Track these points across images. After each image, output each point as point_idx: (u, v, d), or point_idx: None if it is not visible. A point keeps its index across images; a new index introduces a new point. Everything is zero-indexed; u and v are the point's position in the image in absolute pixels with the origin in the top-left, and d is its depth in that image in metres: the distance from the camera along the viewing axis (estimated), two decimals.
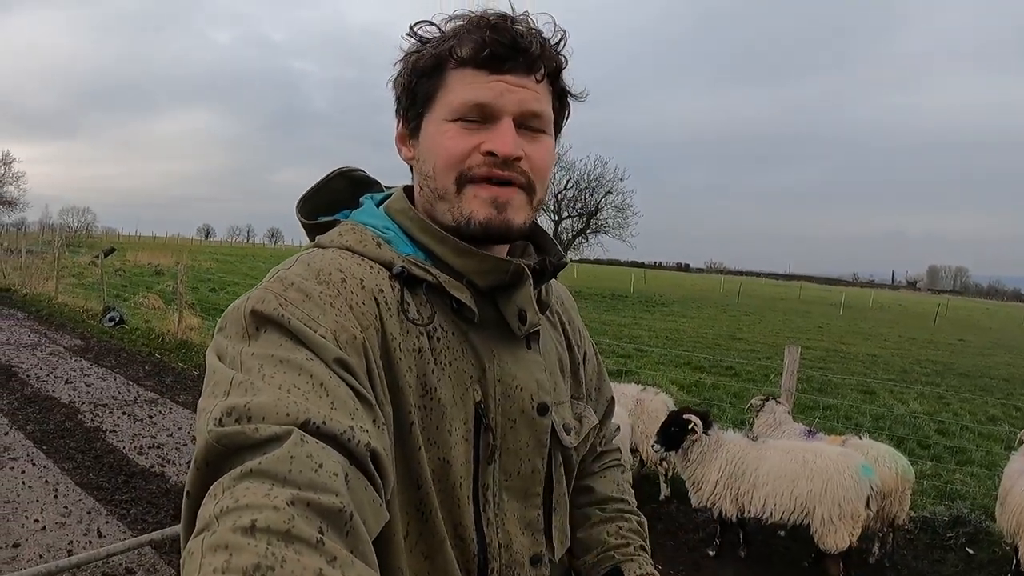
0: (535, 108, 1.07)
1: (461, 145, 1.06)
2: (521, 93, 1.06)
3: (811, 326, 29.52)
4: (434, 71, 1.07)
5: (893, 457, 5.21)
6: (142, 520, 5.22)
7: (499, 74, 1.05)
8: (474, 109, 1.05)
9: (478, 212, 1.06)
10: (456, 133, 1.06)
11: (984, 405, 12.38)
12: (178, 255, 33.81)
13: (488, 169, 1.05)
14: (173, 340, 12.43)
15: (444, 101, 1.07)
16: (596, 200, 40.25)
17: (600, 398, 1.44)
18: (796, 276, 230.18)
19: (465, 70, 1.05)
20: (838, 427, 8.88)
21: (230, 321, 0.94)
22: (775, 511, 4.86)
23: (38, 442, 6.78)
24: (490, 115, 1.06)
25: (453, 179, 1.06)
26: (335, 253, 1.06)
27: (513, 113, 1.06)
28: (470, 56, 1.04)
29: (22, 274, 21.25)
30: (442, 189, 1.08)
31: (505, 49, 1.04)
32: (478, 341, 1.10)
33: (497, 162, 1.05)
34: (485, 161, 1.05)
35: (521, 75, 1.06)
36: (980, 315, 59.89)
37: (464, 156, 1.06)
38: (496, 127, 1.05)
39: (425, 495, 1.00)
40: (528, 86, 1.07)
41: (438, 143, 1.07)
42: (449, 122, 1.06)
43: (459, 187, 1.06)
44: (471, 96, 1.05)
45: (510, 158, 1.05)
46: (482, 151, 1.05)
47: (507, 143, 1.04)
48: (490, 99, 1.05)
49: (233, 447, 0.75)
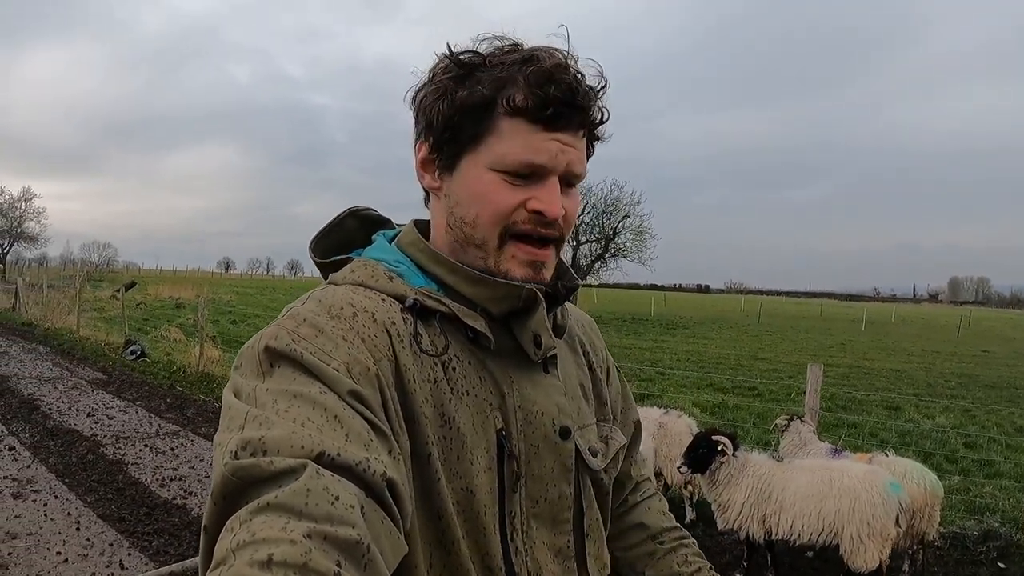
0: (579, 170, 1.07)
1: (509, 200, 1.04)
2: (571, 154, 1.05)
3: (833, 343, 29.37)
4: (483, 112, 1.04)
5: (921, 473, 5.14)
6: (164, 552, 5.22)
7: (554, 132, 1.03)
8: (526, 168, 1.03)
9: (516, 271, 1.06)
10: (503, 187, 1.04)
11: (1011, 416, 12.23)
12: (198, 288, 34.14)
13: (534, 228, 1.05)
14: (194, 372, 12.48)
15: (494, 149, 1.04)
16: (614, 224, 40.35)
17: (627, 421, 1.43)
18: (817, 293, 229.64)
19: (519, 121, 1.02)
20: (864, 444, 8.77)
21: (245, 359, 0.95)
22: (803, 532, 4.80)
23: (60, 475, 6.81)
24: (537, 175, 1.04)
25: (497, 233, 1.05)
26: (347, 289, 1.06)
27: (561, 173, 1.05)
28: (529, 109, 1.02)
29: (44, 308, 21.52)
30: (481, 239, 1.06)
31: (565, 107, 1.02)
32: (496, 368, 1.08)
33: (543, 221, 1.05)
34: (531, 219, 1.04)
35: (572, 133, 1.05)
36: (1003, 325, 59.39)
37: (510, 211, 1.04)
38: (543, 186, 1.04)
39: (447, 527, 0.98)
40: (576, 145, 1.06)
41: (483, 194, 1.05)
42: (495, 172, 1.04)
43: (501, 242, 1.06)
44: (527, 156, 1.02)
45: (556, 219, 1.05)
46: (529, 208, 1.04)
47: (555, 206, 1.04)
48: (545, 161, 1.03)
49: (249, 480, 0.75)
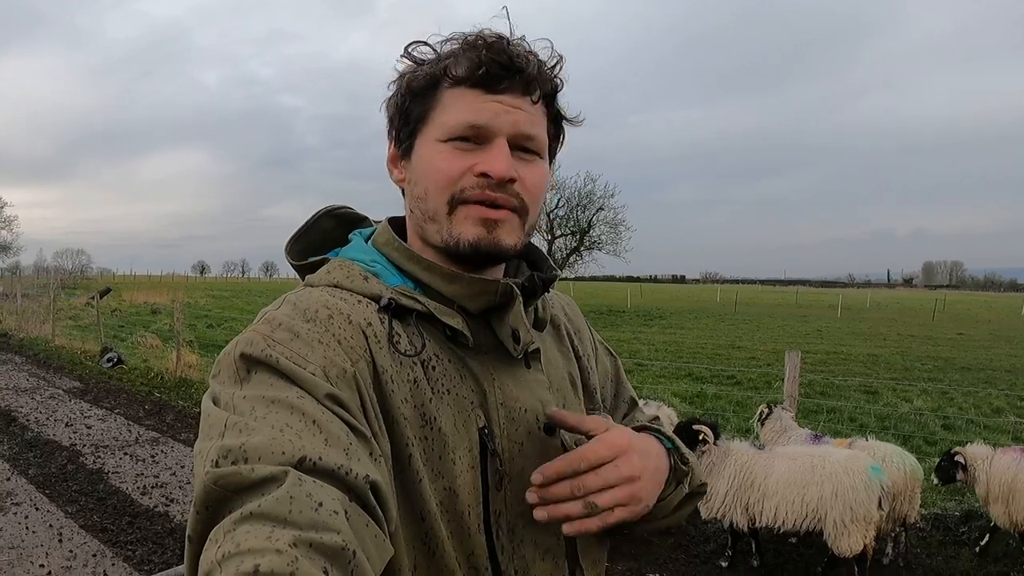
0: (529, 131, 1.05)
1: (455, 166, 1.03)
2: (516, 115, 1.04)
3: (810, 330, 29.55)
4: (428, 90, 1.06)
5: (901, 456, 5.20)
6: (148, 560, 5.18)
7: (494, 94, 1.03)
8: (468, 130, 1.03)
9: (467, 232, 1.04)
10: (449, 154, 1.04)
11: (988, 397, 12.36)
12: (174, 293, 33.87)
13: (482, 191, 1.03)
14: (172, 378, 12.39)
15: (438, 121, 1.05)
16: (588, 217, 40.51)
17: (619, 402, 1.43)
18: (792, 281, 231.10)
19: (460, 89, 1.04)
20: (843, 429, 8.86)
21: (222, 367, 0.94)
22: (787, 519, 4.83)
23: (40, 486, 6.74)
24: (484, 136, 1.03)
25: (446, 201, 1.04)
26: (322, 291, 1.05)
27: (508, 134, 1.04)
28: (465, 75, 1.02)
29: (18, 318, 21.28)
30: (433, 211, 1.06)
31: (501, 69, 1.02)
32: (476, 366, 1.08)
33: (491, 184, 1.03)
34: (479, 183, 1.03)
35: (516, 96, 1.04)
36: (978, 308, 59.92)
37: (457, 177, 1.03)
38: (490, 148, 1.03)
39: (430, 528, 0.97)
40: (523, 108, 1.05)
41: (431, 164, 1.05)
42: (442, 142, 1.04)
43: (451, 209, 1.04)
44: (466, 117, 1.03)
45: (504, 180, 1.03)
46: (475, 172, 1.03)
47: (501, 165, 1.02)
48: (485, 120, 1.03)
49: (231, 488, 0.74)
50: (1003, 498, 5.14)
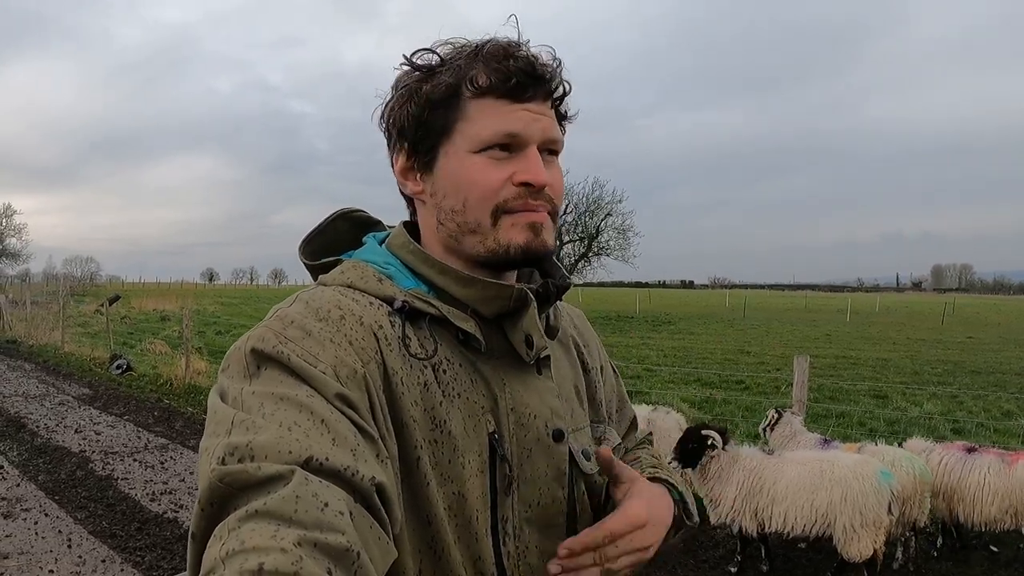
0: (555, 135, 1.08)
1: (494, 177, 1.04)
2: (543, 121, 1.06)
3: (819, 334, 29.45)
4: (450, 101, 1.05)
5: (910, 461, 5.17)
6: (157, 567, 5.19)
7: (523, 103, 1.04)
8: (505, 138, 1.04)
9: (517, 238, 1.05)
10: (486, 165, 1.04)
11: (998, 401, 12.28)
12: (183, 300, 33.98)
13: (524, 201, 1.05)
14: (181, 385, 12.40)
15: (467, 133, 1.05)
16: (596, 223, 40.41)
17: (622, 419, 1.42)
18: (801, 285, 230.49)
19: (487, 100, 1.04)
20: (852, 434, 8.81)
21: (232, 361, 0.94)
22: (796, 524, 4.81)
23: (50, 492, 6.76)
24: (518, 145, 1.05)
25: (489, 212, 1.05)
26: (335, 291, 1.05)
27: (538, 142, 1.06)
28: (493, 85, 1.03)
29: (28, 325, 21.36)
30: (475, 223, 1.06)
31: (527, 77, 1.04)
32: (488, 371, 1.08)
33: (532, 192, 1.05)
34: (520, 192, 1.04)
35: (540, 102, 1.06)
36: (987, 311, 59.69)
37: (498, 188, 1.04)
38: (525, 157, 1.05)
39: (436, 532, 0.97)
40: (546, 114, 1.07)
41: (467, 177, 1.05)
42: (475, 154, 1.04)
43: (495, 220, 1.05)
44: (501, 127, 1.03)
45: (543, 186, 1.05)
46: (515, 182, 1.04)
47: (541, 172, 1.04)
48: (519, 129, 1.04)
49: (237, 486, 0.74)
50: (945, 496, 5.25)
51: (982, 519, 5.10)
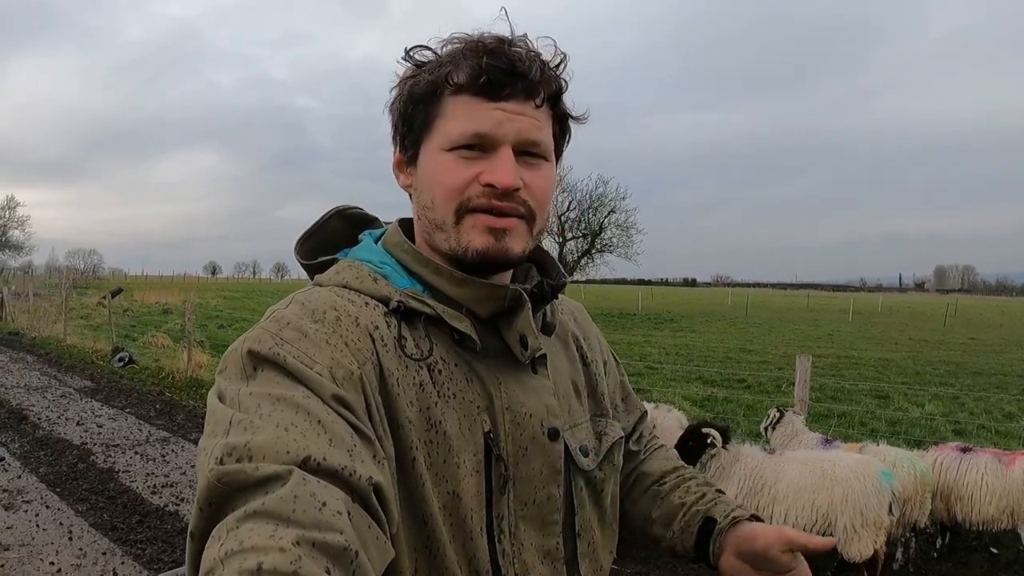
0: (534, 137, 1.05)
1: (459, 176, 1.03)
2: (520, 121, 1.03)
3: (821, 334, 29.45)
4: (430, 97, 1.05)
5: (911, 461, 5.17)
6: (158, 560, 5.20)
7: (497, 101, 1.02)
8: (472, 139, 1.02)
9: (476, 241, 1.04)
10: (453, 164, 1.04)
11: (1000, 403, 12.28)
12: (185, 293, 33.97)
13: (488, 200, 1.03)
14: (183, 378, 12.44)
15: (442, 130, 1.05)
16: (599, 220, 40.46)
17: (630, 411, 1.43)
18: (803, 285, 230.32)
19: (462, 97, 1.03)
20: (854, 434, 8.81)
21: (229, 363, 0.94)
22: (796, 524, 4.80)
23: (51, 485, 6.77)
24: (489, 145, 1.03)
25: (452, 210, 1.05)
26: (330, 291, 1.05)
27: (512, 142, 1.03)
28: (467, 83, 1.02)
29: (30, 317, 21.39)
30: (440, 220, 1.06)
31: (503, 75, 1.01)
32: (483, 370, 1.08)
33: (497, 193, 1.03)
34: (484, 192, 1.03)
35: (520, 102, 1.03)
36: (990, 312, 59.69)
37: (463, 187, 1.03)
38: (495, 157, 1.03)
39: (432, 532, 0.98)
40: (527, 113, 1.04)
41: (436, 174, 1.05)
42: (446, 152, 1.04)
43: (458, 218, 1.05)
44: (469, 126, 1.02)
45: (509, 189, 1.03)
46: (481, 182, 1.03)
47: (506, 174, 1.02)
48: (488, 129, 1.02)
49: (235, 486, 0.74)
50: (944, 496, 5.26)
51: (980, 518, 5.11)
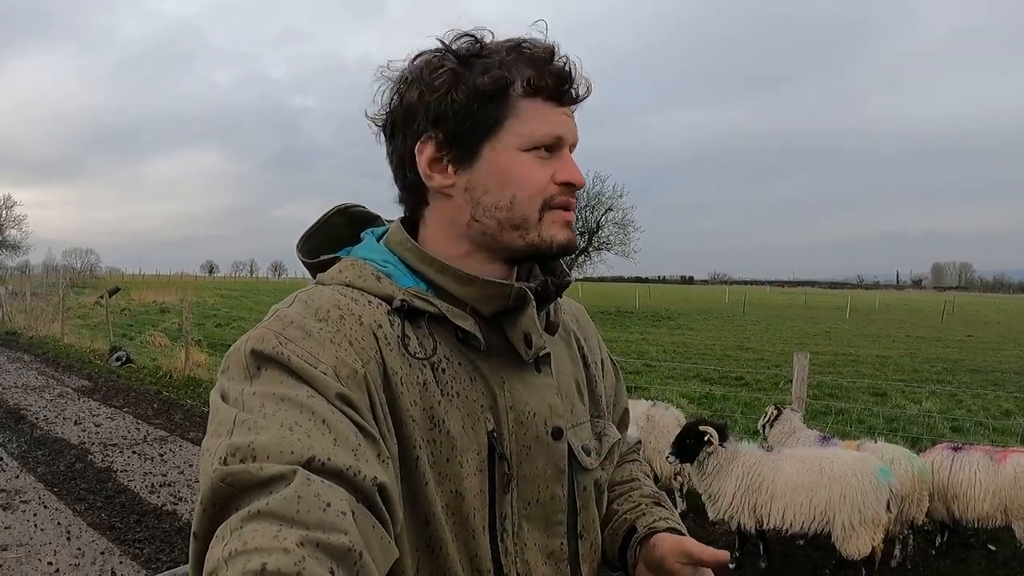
0: (578, 139, 1.13)
1: (543, 175, 1.07)
2: (573, 125, 1.11)
3: (818, 331, 29.48)
4: (500, 96, 1.04)
5: (908, 459, 5.18)
6: (156, 559, 5.20)
7: (564, 106, 1.09)
8: (552, 140, 1.07)
9: (559, 235, 1.10)
10: (535, 163, 1.07)
11: (997, 400, 12.27)
12: (183, 292, 33.91)
13: (566, 199, 1.10)
14: (181, 377, 12.41)
15: (517, 130, 1.06)
16: (597, 218, 40.43)
17: (617, 411, 1.42)
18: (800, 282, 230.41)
19: (536, 100, 1.06)
20: (851, 431, 8.81)
21: (232, 362, 0.94)
22: (795, 521, 4.82)
23: (49, 484, 6.77)
24: (559, 146, 1.09)
25: (537, 208, 1.08)
26: (333, 290, 1.04)
27: (571, 144, 1.11)
28: (544, 87, 1.06)
29: (27, 317, 21.36)
30: (520, 218, 1.08)
31: (570, 83, 1.08)
32: (487, 369, 1.08)
33: (573, 190, 1.10)
34: (562, 190, 1.09)
35: (571, 106, 1.11)
36: (987, 310, 59.71)
37: (545, 186, 1.07)
38: (562, 158, 1.09)
39: (435, 531, 0.98)
40: (573, 117, 1.12)
41: (519, 175, 1.07)
42: (524, 152, 1.06)
43: (540, 215, 1.08)
44: (552, 129, 1.07)
45: (582, 186, 1.11)
46: (557, 181, 1.08)
47: (580, 174, 1.10)
48: (564, 132, 1.08)
49: (239, 486, 0.74)
50: (940, 495, 5.26)
51: (976, 515, 5.12)
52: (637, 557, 1.21)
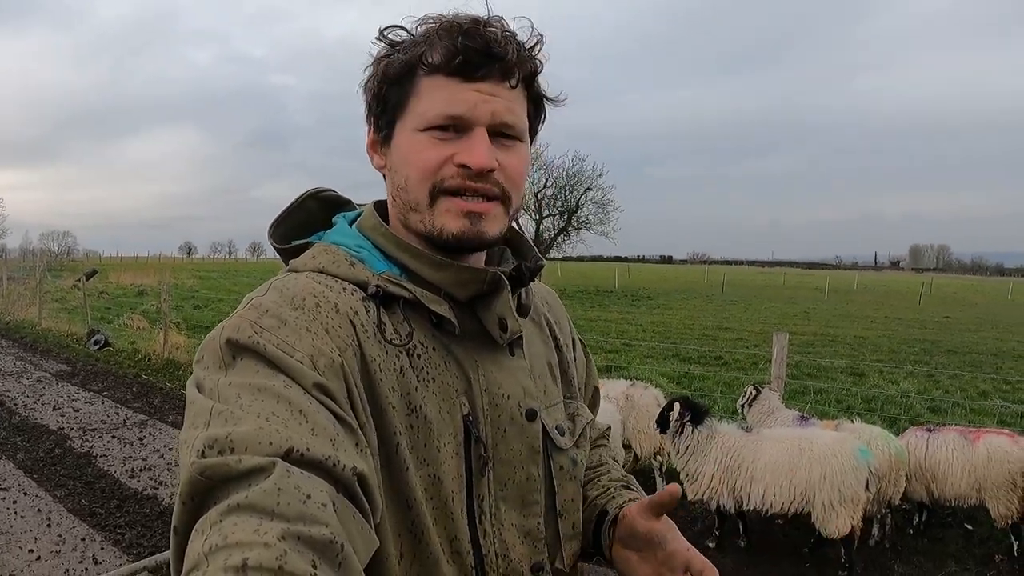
0: (508, 119, 1.04)
1: (434, 157, 1.03)
2: (494, 103, 1.03)
3: (797, 312, 29.64)
4: (404, 78, 1.04)
5: (886, 439, 5.24)
6: (137, 544, 5.19)
7: (472, 82, 1.02)
8: (446, 120, 1.02)
9: (450, 224, 1.04)
10: (428, 144, 1.03)
11: (974, 381, 12.44)
12: (161, 274, 33.63)
13: (461, 181, 1.03)
14: (160, 360, 12.36)
15: (416, 110, 1.04)
16: (576, 197, 40.34)
17: (587, 388, 1.43)
18: (779, 262, 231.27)
19: (437, 77, 1.02)
20: (830, 411, 8.91)
21: (207, 352, 0.93)
22: (775, 502, 4.87)
23: (28, 471, 6.73)
24: (463, 126, 1.03)
25: (427, 191, 1.04)
26: (308, 277, 1.04)
27: (487, 124, 1.03)
28: (442, 63, 1.01)
29: (4, 301, 21.20)
30: (415, 201, 1.05)
31: (478, 56, 1.00)
32: (461, 353, 1.08)
33: (471, 174, 1.02)
34: (458, 173, 1.02)
35: (495, 83, 1.03)
36: (965, 291, 60.25)
37: (437, 168, 1.03)
38: (469, 138, 1.02)
39: (417, 516, 0.98)
40: (502, 95, 1.04)
41: (410, 154, 1.05)
42: (421, 132, 1.03)
43: (432, 199, 1.04)
44: (444, 108, 1.02)
45: (484, 170, 1.02)
46: (455, 163, 1.02)
47: (481, 155, 1.01)
48: (463, 111, 1.02)
49: (217, 479, 0.74)
50: (918, 476, 5.36)
51: (952, 494, 5.22)
52: (612, 538, 1.21)
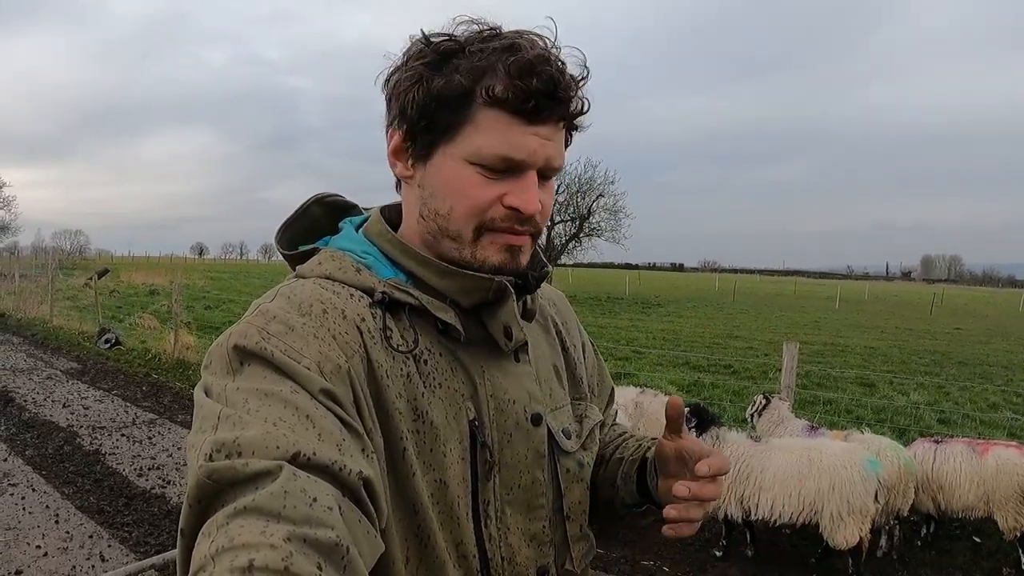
0: (556, 163, 1.04)
1: (485, 195, 1.01)
2: (549, 148, 1.02)
3: (807, 321, 29.56)
4: (460, 102, 0.99)
5: (895, 450, 5.21)
6: (144, 543, 5.20)
7: (534, 125, 0.99)
8: (502, 162, 1.00)
9: (492, 257, 1.04)
10: (478, 181, 1.01)
11: (984, 392, 12.36)
12: (172, 274, 33.78)
13: (510, 225, 1.03)
14: (170, 359, 12.39)
15: (471, 141, 1.00)
16: (588, 204, 40.33)
17: (602, 392, 1.43)
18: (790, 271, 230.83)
19: (499, 113, 0.98)
20: (839, 421, 8.86)
21: (214, 358, 0.94)
22: (783, 512, 4.84)
23: (37, 467, 6.75)
24: (516, 168, 1.01)
25: (472, 227, 1.03)
26: (315, 283, 1.04)
27: (538, 167, 1.02)
28: (510, 102, 0.97)
29: (16, 298, 21.29)
30: (456, 232, 1.04)
31: (545, 100, 0.98)
32: (467, 359, 1.08)
33: (520, 217, 1.02)
34: (507, 216, 1.02)
35: (552, 126, 1.01)
36: (976, 303, 60.04)
37: (486, 207, 1.02)
38: (520, 181, 1.01)
39: (423, 520, 0.99)
40: (555, 139, 1.03)
41: (458, 188, 1.02)
42: (472, 164, 1.00)
43: (476, 235, 1.04)
44: (505, 150, 0.99)
45: (534, 216, 1.03)
46: (505, 204, 1.01)
47: (533, 201, 1.02)
48: (522, 156, 1.00)
49: (225, 483, 0.74)
50: (925, 488, 5.32)
51: (960, 506, 5.19)
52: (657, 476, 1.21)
